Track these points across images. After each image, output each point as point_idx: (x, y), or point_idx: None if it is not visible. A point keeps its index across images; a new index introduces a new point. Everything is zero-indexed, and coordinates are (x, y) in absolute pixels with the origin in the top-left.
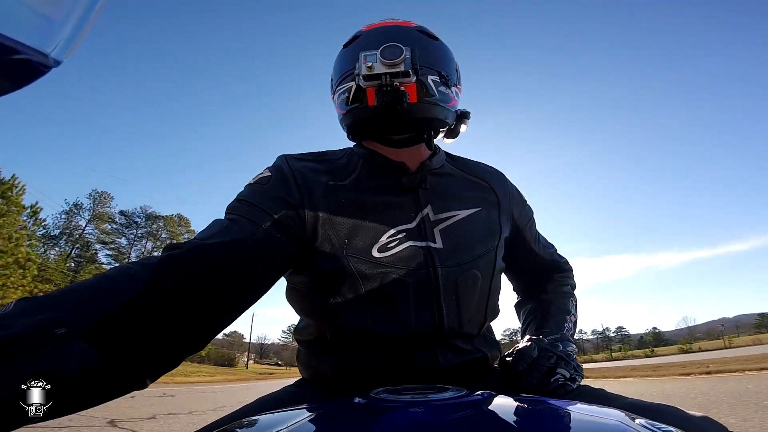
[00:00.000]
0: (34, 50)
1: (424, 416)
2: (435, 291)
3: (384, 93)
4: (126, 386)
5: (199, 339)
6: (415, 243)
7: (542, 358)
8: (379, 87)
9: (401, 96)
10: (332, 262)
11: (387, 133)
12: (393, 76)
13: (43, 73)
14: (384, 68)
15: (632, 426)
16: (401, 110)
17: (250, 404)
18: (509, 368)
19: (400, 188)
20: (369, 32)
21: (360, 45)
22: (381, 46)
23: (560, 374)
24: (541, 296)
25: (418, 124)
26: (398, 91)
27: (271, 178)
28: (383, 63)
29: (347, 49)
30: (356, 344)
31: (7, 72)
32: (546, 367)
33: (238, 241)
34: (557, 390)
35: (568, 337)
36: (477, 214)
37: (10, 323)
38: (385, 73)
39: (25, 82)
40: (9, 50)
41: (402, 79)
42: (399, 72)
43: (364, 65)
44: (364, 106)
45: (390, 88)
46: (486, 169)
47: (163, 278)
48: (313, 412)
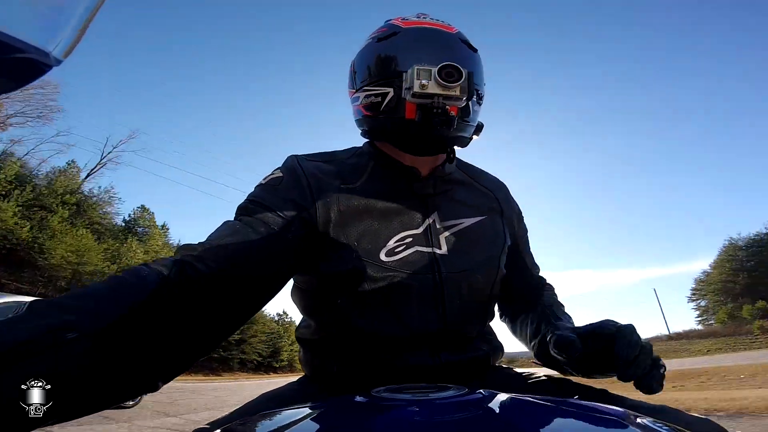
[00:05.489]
0: (35, 49)
1: (425, 415)
2: (439, 295)
3: (433, 114)
4: (138, 389)
5: (211, 341)
6: (421, 248)
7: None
8: (428, 107)
9: (451, 121)
10: (341, 265)
11: (415, 148)
12: (446, 98)
13: (44, 72)
14: (439, 89)
15: (634, 425)
16: (447, 133)
17: (252, 401)
18: (614, 352)
19: (410, 194)
20: (409, 31)
21: (401, 45)
22: (431, 55)
23: (662, 364)
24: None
25: (448, 142)
26: (448, 116)
27: (282, 179)
28: (439, 84)
29: (383, 45)
30: (360, 344)
31: (9, 71)
32: (651, 352)
33: (250, 243)
34: (658, 380)
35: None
36: (482, 222)
37: (22, 326)
38: (439, 95)
39: (27, 80)
40: (10, 49)
41: (453, 102)
42: (453, 96)
43: (418, 82)
44: (400, 117)
45: (441, 110)
46: (492, 179)
47: (176, 280)
48: (314, 410)
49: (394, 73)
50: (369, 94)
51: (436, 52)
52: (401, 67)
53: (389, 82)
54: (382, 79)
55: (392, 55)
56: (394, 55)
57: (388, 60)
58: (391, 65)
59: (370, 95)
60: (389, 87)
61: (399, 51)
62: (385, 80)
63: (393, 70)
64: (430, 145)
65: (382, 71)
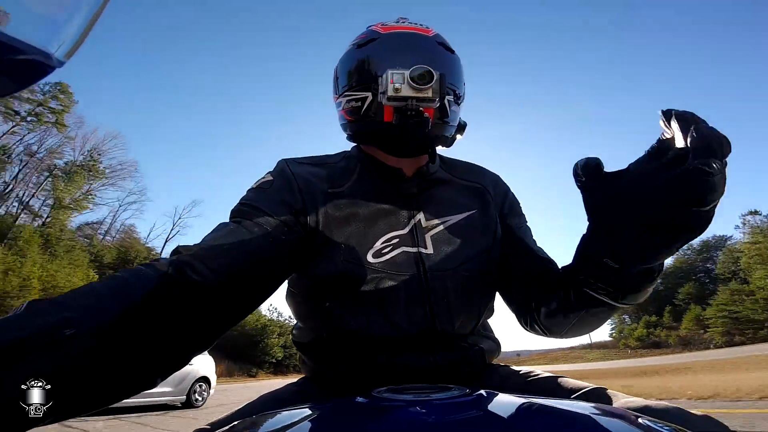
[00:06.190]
0: (38, 50)
1: (427, 416)
2: (426, 294)
3: (407, 116)
4: (136, 386)
5: (207, 339)
6: (407, 249)
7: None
8: (403, 109)
9: (425, 122)
10: (329, 267)
11: (394, 149)
12: (419, 100)
13: (46, 74)
14: (411, 92)
15: (634, 425)
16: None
17: (253, 402)
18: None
19: (396, 194)
20: (388, 36)
21: (378, 51)
22: (404, 59)
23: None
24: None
25: (428, 142)
26: (422, 117)
27: (273, 182)
28: (411, 87)
29: (362, 51)
30: (353, 346)
31: (12, 72)
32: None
33: (245, 244)
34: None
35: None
36: (469, 218)
37: (21, 324)
38: (412, 97)
39: (29, 82)
40: (13, 50)
41: (427, 104)
42: (425, 98)
43: (391, 85)
44: (378, 120)
45: (414, 112)
46: (480, 171)
47: (173, 280)
48: (315, 411)
49: (372, 78)
50: (350, 99)
51: (410, 57)
52: (378, 72)
53: (368, 87)
54: (362, 84)
55: (370, 61)
56: (372, 60)
57: (367, 65)
58: (369, 71)
59: (351, 100)
60: (368, 92)
61: (376, 56)
62: (364, 85)
63: (371, 76)
64: (411, 147)
65: (361, 77)
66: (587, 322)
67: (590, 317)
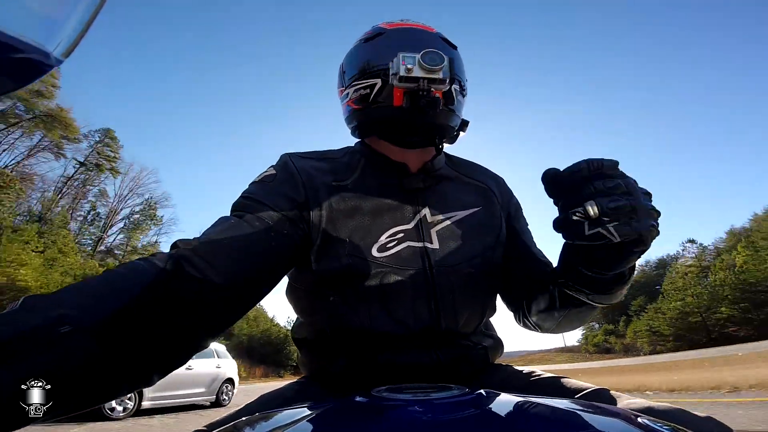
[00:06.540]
0: (36, 49)
1: (426, 415)
2: (431, 290)
3: (419, 97)
4: (133, 383)
5: (207, 335)
6: (413, 243)
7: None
8: (414, 90)
9: (436, 102)
10: (333, 261)
11: (404, 135)
12: (430, 81)
13: (44, 72)
14: (423, 73)
15: (635, 425)
16: (433, 115)
17: (254, 401)
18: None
19: (400, 189)
20: (395, 31)
21: (387, 43)
22: (414, 45)
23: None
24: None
25: (435, 130)
26: (434, 98)
27: (276, 176)
28: (423, 68)
29: (369, 45)
30: (355, 342)
31: (9, 70)
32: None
33: (246, 238)
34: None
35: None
36: (474, 215)
37: (16, 321)
38: (424, 78)
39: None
40: (11, 48)
41: (437, 85)
42: (436, 79)
43: (403, 66)
44: (388, 105)
45: (426, 92)
46: (485, 171)
47: (172, 274)
48: (314, 411)
49: (382, 64)
50: (358, 87)
51: (418, 44)
52: (388, 59)
53: (377, 74)
54: (371, 71)
55: (379, 51)
56: (381, 49)
57: (376, 55)
58: (378, 59)
59: (359, 89)
60: (377, 78)
61: (385, 47)
62: (373, 72)
63: (381, 63)
64: (419, 134)
65: (370, 66)
66: (573, 319)
67: (574, 315)
